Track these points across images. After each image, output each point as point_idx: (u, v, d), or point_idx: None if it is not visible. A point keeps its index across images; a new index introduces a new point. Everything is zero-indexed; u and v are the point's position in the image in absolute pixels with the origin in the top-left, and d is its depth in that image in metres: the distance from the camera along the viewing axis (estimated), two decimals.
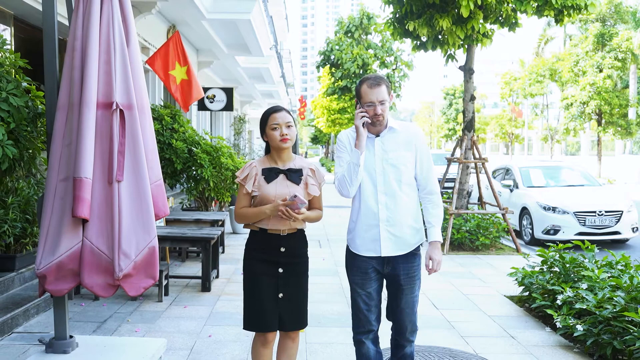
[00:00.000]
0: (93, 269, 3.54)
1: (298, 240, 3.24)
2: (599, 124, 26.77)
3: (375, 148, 3.11)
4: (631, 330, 3.76)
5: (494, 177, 12.16)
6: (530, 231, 10.02)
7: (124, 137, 3.55)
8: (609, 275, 4.64)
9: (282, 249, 3.16)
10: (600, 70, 25.68)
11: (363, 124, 3.04)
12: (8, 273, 5.14)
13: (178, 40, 8.84)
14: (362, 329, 3.18)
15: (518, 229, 10.58)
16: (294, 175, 3.19)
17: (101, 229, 3.53)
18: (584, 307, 4.24)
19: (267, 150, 3.27)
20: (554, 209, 9.64)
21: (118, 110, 3.51)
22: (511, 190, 11.12)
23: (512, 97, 38.75)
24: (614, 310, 4.03)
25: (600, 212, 9.44)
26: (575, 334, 4.30)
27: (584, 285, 4.58)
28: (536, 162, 12.90)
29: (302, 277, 3.25)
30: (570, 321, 4.36)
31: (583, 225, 9.41)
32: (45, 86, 3.73)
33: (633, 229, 9.62)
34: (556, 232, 9.49)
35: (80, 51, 3.50)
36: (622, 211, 9.51)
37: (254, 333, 3.29)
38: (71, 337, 3.86)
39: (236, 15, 10.70)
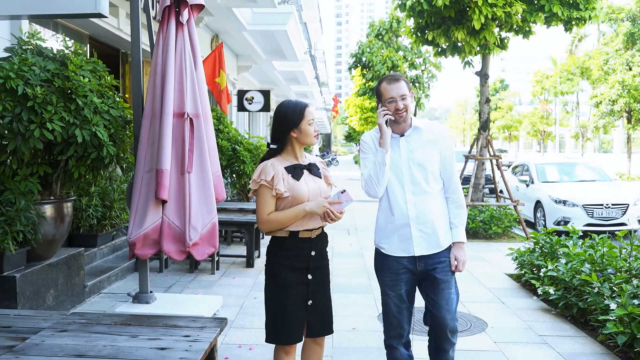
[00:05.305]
0: (170, 239, 4.67)
1: (324, 241, 3.08)
2: (629, 121, 27.03)
3: (400, 148, 3.04)
4: (587, 291, 4.71)
5: (515, 174, 13.06)
6: (543, 222, 10.86)
7: (192, 139, 4.65)
8: (583, 250, 5.57)
9: (313, 253, 2.95)
10: (630, 69, 25.96)
11: (386, 121, 2.97)
12: (92, 248, 6.35)
13: (221, 50, 10.04)
14: (394, 333, 3.12)
15: (533, 220, 11.44)
16: (315, 169, 3.01)
17: (176, 208, 4.65)
18: (555, 274, 5.20)
19: (279, 149, 2.97)
20: (564, 202, 10.46)
21: (188, 118, 4.62)
22: (527, 185, 11.98)
23: (544, 95, 39.03)
24: (581, 278, 4.98)
25: (607, 204, 10.22)
26: (550, 298, 5.26)
27: (563, 260, 5.52)
28: (552, 159, 13.71)
29: (328, 282, 3.10)
30: (547, 288, 5.33)
31: (591, 217, 10.20)
32: (132, 100, 4.87)
33: (639, 220, 10.37)
34: (566, 223, 10.27)
35: (160, 74, 4.61)
36: (628, 204, 10.26)
37: None
38: (151, 292, 5.02)
39: (273, 26, 11.86)
